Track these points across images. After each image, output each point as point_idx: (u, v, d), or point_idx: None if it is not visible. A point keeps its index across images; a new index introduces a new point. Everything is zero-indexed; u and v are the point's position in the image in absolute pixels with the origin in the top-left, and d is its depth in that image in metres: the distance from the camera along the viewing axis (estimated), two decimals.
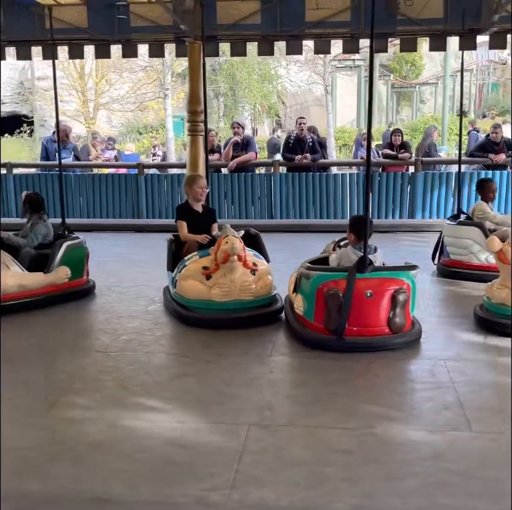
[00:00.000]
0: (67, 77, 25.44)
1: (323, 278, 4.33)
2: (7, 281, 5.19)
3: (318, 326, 4.34)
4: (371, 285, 4.27)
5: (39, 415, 3.29)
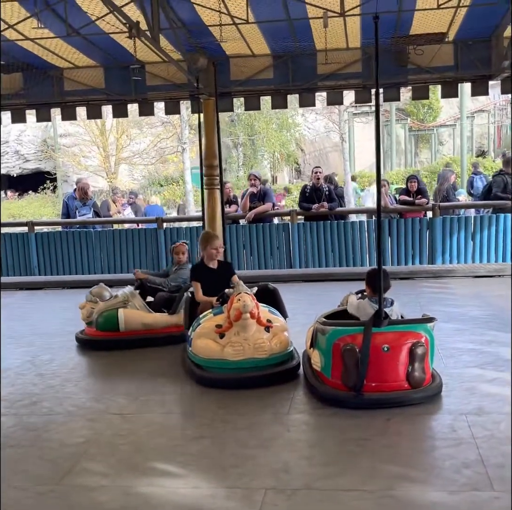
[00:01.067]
0: (88, 133, 26.02)
1: (339, 333, 4.29)
2: (133, 319, 6.05)
3: (336, 382, 4.28)
4: (388, 339, 4.22)
5: (53, 482, 3.26)
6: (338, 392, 4.25)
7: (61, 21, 7.16)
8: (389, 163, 37.00)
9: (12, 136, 34.32)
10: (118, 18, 6.48)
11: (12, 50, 8.33)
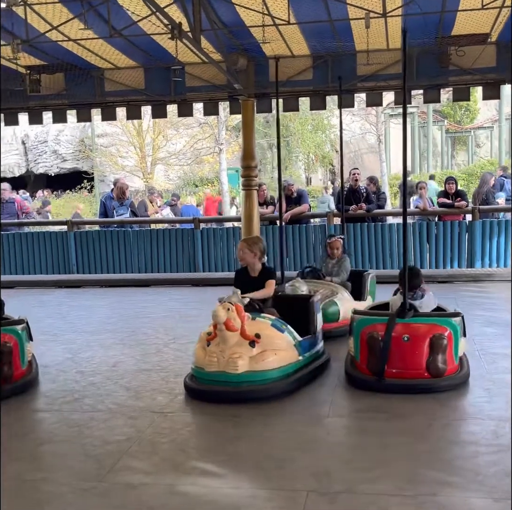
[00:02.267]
0: (125, 134, 26.26)
1: (365, 322, 4.67)
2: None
3: (362, 367, 4.63)
4: (409, 330, 4.51)
5: (96, 479, 3.30)
6: (364, 376, 4.57)
7: (104, 22, 7.24)
8: (425, 166, 36.63)
9: (51, 136, 34.81)
10: (160, 19, 6.55)
11: (55, 51, 8.46)
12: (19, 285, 10.52)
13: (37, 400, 4.64)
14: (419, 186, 11.22)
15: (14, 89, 9.00)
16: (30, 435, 3.97)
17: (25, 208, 12.17)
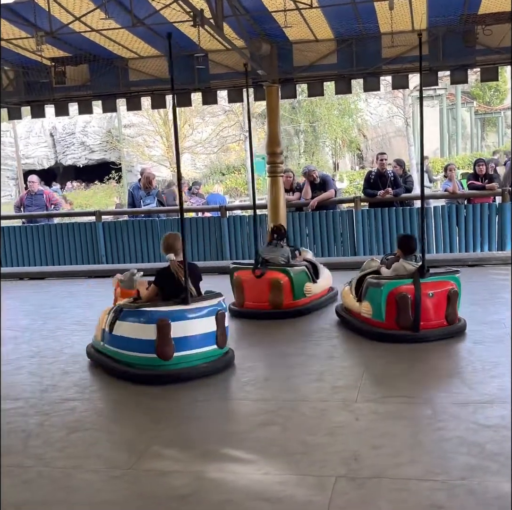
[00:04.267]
0: (151, 123, 26.33)
1: (392, 285, 5.41)
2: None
3: (390, 324, 5.38)
4: (431, 287, 5.39)
5: (126, 466, 3.33)
6: (393, 331, 5.35)
7: (126, 11, 7.24)
8: (454, 148, 36.16)
9: (78, 127, 35.09)
10: (182, 7, 6.52)
11: (79, 42, 8.49)
12: (50, 276, 10.64)
13: (69, 389, 4.68)
14: (449, 169, 11.07)
15: (40, 81, 9.06)
16: (61, 423, 4.01)
17: (54, 199, 12.27)
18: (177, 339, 4.65)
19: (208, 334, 4.79)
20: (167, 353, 4.60)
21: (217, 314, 4.85)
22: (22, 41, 8.26)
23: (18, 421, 4.07)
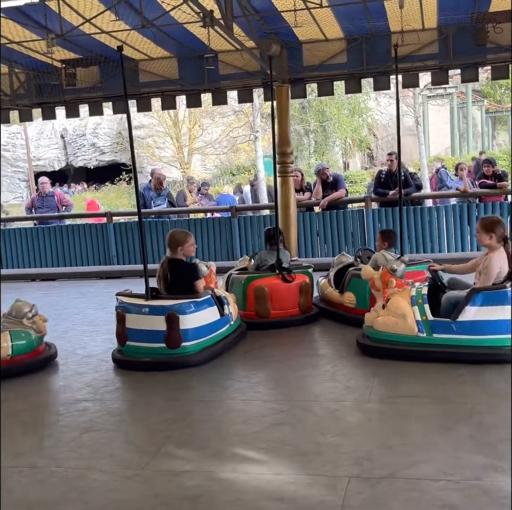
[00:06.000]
0: (161, 124, 26.40)
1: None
2: None
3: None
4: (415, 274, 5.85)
5: (138, 467, 3.33)
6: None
7: (136, 13, 7.26)
8: (465, 146, 35.99)
9: (89, 129, 35.21)
10: (192, 8, 6.53)
11: (89, 44, 8.52)
12: (61, 277, 10.69)
13: (81, 389, 4.70)
14: (459, 168, 11.03)
15: (50, 83, 9.10)
16: (73, 423, 4.03)
17: (65, 201, 12.33)
18: (130, 329, 5.10)
19: (156, 332, 4.97)
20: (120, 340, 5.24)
21: (168, 315, 4.94)
22: (33, 43, 8.31)
23: (32, 421, 4.09)
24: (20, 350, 5.12)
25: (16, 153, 35.22)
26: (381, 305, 5.10)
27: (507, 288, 4.72)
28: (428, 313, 4.83)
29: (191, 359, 5.00)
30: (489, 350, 4.68)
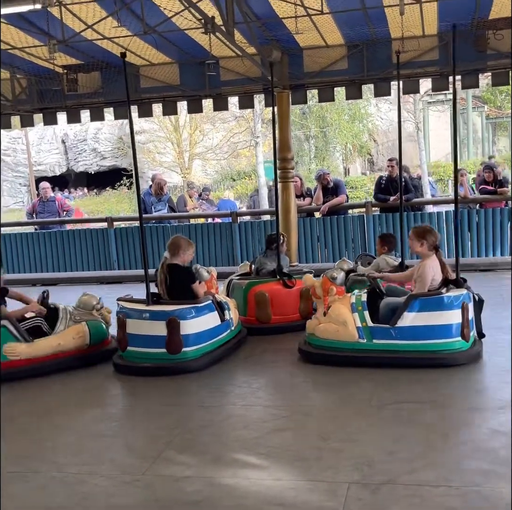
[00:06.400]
0: (162, 129, 26.44)
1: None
2: None
3: None
4: None
5: (139, 472, 3.34)
6: None
7: (137, 19, 7.28)
8: (465, 152, 36.04)
9: (90, 134, 35.28)
10: (193, 14, 6.56)
11: (91, 49, 8.54)
12: (62, 282, 10.70)
13: (81, 394, 4.71)
14: (460, 174, 11.03)
15: (52, 88, 9.13)
16: (73, 429, 4.03)
17: (66, 206, 12.35)
18: (131, 335, 5.06)
19: (157, 337, 4.98)
20: (121, 345, 5.19)
21: (168, 320, 4.95)
22: (35, 49, 8.33)
23: (31, 427, 4.10)
24: (96, 339, 5.42)
25: (17, 158, 35.27)
26: (322, 312, 5.21)
27: (443, 294, 4.87)
28: (368, 319, 4.95)
29: (191, 365, 5.01)
30: (427, 354, 4.83)
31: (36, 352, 5.15)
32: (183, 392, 4.64)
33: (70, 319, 5.40)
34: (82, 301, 5.62)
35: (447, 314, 4.83)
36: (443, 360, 4.80)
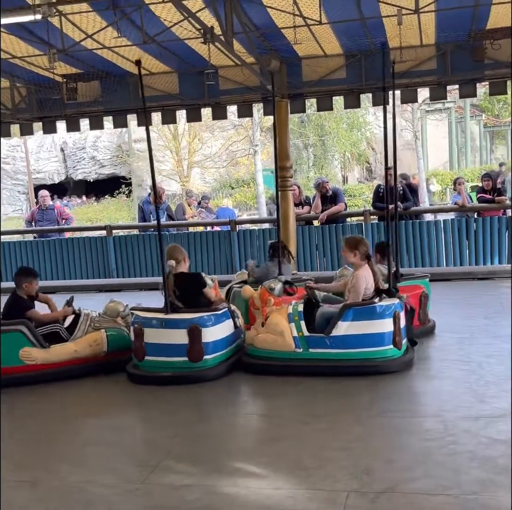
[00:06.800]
0: (161, 138, 26.50)
1: None
2: None
3: None
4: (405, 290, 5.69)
5: (139, 480, 3.34)
6: None
7: (137, 29, 7.33)
8: (463, 161, 36.14)
9: (89, 142, 35.32)
10: (192, 24, 6.61)
11: (90, 59, 8.59)
12: (61, 290, 10.68)
13: (86, 404, 4.71)
14: (458, 182, 11.06)
15: (52, 97, 9.17)
16: (75, 437, 4.04)
17: (65, 214, 12.37)
18: (149, 344, 4.99)
19: (177, 346, 4.95)
20: (137, 355, 5.09)
21: (190, 328, 4.94)
22: (35, 58, 8.38)
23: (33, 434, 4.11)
24: (116, 347, 5.40)
25: (16, 166, 35.30)
26: (260, 323, 5.26)
27: (376, 304, 4.97)
28: (304, 329, 5.01)
29: (209, 373, 5.00)
30: (360, 362, 4.91)
31: (52, 358, 5.19)
32: (185, 401, 4.65)
33: (90, 326, 5.42)
34: (109, 307, 5.64)
35: (380, 323, 4.93)
36: (376, 367, 4.88)
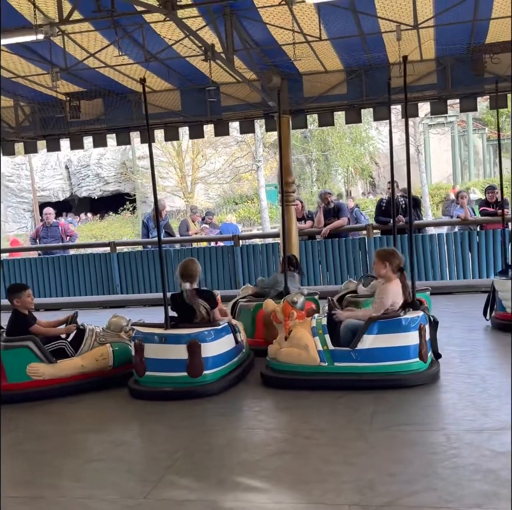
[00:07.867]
0: (165, 155, 26.64)
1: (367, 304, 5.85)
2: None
3: None
4: None
5: (141, 496, 3.34)
6: None
7: (139, 47, 7.41)
8: (467, 174, 36.19)
9: (93, 159, 35.53)
10: (193, 42, 6.67)
11: (93, 77, 8.67)
12: (65, 306, 10.71)
13: (82, 419, 4.71)
14: (460, 196, 11.09)
15: (55, 115, 9.25)
16: (76, 453, 4.04)
17: (69, 231, 12.43)
18: (149, 359, 5.02)
19: (177, 361, 4.95)
20: (138, 370, 5.10)
21: (190, 343, 4.94)
22: (38, 77, 8.46)
23: (34, 450, 4.11)
24: (121, 361, 5.43)
25: (21, 184, 35.51)
26: (283, 337, 5.23)
27: (401, 317, 4.95)
28: (329, 342, 5.00)
29: (209, 388, 4.99)
30: (386, 376, 4.90)
31: (59, 373, 5.21)
32: (185, 416, 4.64)
33: (95, 340, 5.45)
34: (112, 322, 5.67)
35: (405, 335, 4.92)
36: (402, 381, 4.87)
